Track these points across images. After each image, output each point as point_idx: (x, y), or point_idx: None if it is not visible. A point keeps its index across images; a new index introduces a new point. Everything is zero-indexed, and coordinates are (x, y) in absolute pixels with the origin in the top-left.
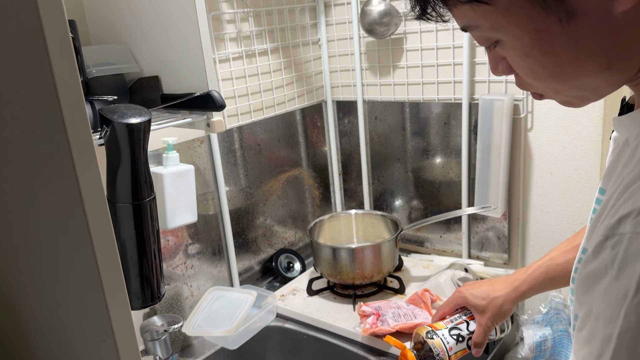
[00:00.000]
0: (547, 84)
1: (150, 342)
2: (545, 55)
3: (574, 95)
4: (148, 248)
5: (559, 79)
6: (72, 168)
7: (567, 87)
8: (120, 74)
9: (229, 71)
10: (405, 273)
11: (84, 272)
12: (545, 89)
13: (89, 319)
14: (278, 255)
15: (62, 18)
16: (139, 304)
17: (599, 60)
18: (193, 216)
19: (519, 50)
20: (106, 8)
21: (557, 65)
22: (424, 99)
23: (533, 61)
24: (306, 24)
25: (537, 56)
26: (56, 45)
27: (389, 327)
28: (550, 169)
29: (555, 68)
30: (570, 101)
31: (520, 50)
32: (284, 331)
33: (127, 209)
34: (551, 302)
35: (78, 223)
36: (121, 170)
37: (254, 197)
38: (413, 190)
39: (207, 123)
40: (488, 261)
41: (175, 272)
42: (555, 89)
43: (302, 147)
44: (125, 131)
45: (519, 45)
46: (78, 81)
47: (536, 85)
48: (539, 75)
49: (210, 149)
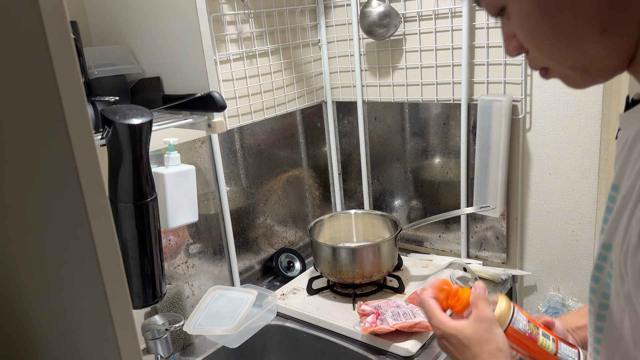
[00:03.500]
0: (548, 51)
1: (151, 340)
2: (544, 17)
3: (575, 65)
4: (149, 248)
5: (558, 42)
6: (74, 168)
7: (567, 52)
8: (122, 75)
9: (229, 72)
10: (405, 272)
11: (85, 272)
12: (547, 58)
13: (90, 318)
14: (278, 255)
15: (64, 19)
16: (141, 303)
17: (593, 21)
18: (194, 216)
19: (521, 14)
20: (107, 9)
21: (555, 26)
22: (423, 100)
23: (534, 24)
24: (306, 25)
25: (537, 18)
26: (58, 46)
27: (388, 326)
28: (549, 169)
29: (553, 29)
30: (571, 76)
31: (522, 13)
32: (285, 330)
33: (128, 209)
34: (549, 301)
35: (80, 223)
36: (123, 170)
37: (254, 197)
38: (412, 190)
39: (208, 124)
40: (487, 261)
41: (176, 272)
42: (557, 56)
43: (302, 148)
44: (126, 132)
45: (520, 9)
46: (80, 82)
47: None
48: (540, 39)
49: (211, 150)
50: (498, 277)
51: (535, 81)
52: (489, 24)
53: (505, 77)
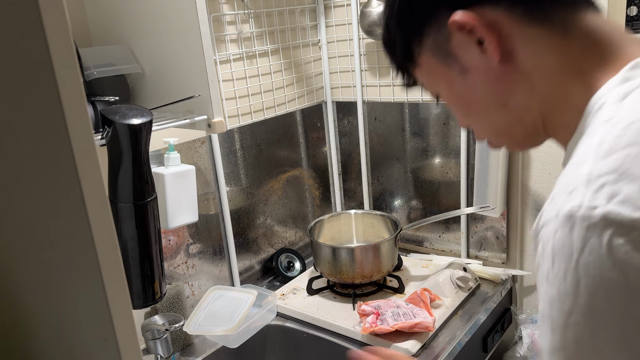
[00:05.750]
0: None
1: (151, 341)
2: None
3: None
4: (149, 248)
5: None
6: (74, 168)
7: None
8: (122, 75)
9: (229, 72)
10: (405, 272)
11: (85, 272)
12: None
13: (90, 318)
14: (278, 255)
15: (64, 19)
16: (141, 303)
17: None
18: (194, 216)
19: (447, 97)
20: (107, 9)
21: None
22: (423, 100)
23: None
24: (306, 25)
25: (455, 99)
26: (58, 46)
27: (388, 326)
28: (549, 168)
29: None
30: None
31: (446, 96)
32: (284, 330)
33: (128, 209)
34: None
35: (80, 223)
36: (123, 170)
37: (254, 197)
38: (412, 190)
39: (208, 124)
40: (487, 261)
41: (176, 272)
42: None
43: (302, 148)
44: (126, 132)
45: (444, 93)
46: (80, 82)
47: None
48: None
49: (211, 150)
50: (498, 277)
51: None
52: None
53: None
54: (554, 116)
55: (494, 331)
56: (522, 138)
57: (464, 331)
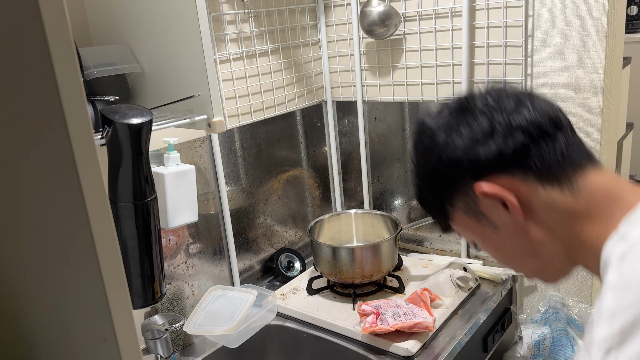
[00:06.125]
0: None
1: (151, 340)
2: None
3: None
4: (149, 247)
5: (511, 263)
6: (73, 168)
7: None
8: (122, 74)
9: (229, 72)
10: (405, 272)
11: (85, 271)
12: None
13: (90, 318)
14: (278, 255)
15: (64, 19)
16: (140, 303)
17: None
18: (194, 216)
19: (483, 246)
20: (107, 9)
21: (504, 255)
22: (423, 99)
23: (492, 252)
24: (306, 24)
25: (490, 249)
26: (58, 46)
27: (388, 326)
28: None
29: (504, 255)
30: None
31: (482, 246)
32: (284, 330)
33: (128, 209)
34: (550, 301)
35: (80, 222)
36: (123, 170)
37: (254, 197)
38: (412, 190)
39: (207, 123)
40: (487, 260)
41: (176, 272)
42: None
43: (302, 147)
44: (126, 131)
45: (480, 243)
46: (80, 82)
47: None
48: (501, 261)
49: (211, 149)
50: (498, 277)
51: (535, 81)
52: (489, 23)
53: (506, 77)
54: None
55: (494, 331)
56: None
57: (464, 331)
